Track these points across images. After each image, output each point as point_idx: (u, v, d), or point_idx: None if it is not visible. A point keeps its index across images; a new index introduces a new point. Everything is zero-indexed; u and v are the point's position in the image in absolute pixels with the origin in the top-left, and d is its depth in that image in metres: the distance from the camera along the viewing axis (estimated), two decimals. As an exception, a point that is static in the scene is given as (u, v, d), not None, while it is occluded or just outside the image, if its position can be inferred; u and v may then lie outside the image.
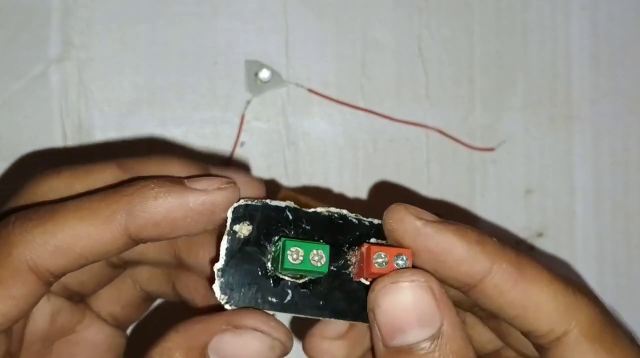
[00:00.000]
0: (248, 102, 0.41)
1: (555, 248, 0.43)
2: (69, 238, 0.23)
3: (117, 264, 0.28)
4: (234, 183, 0.24)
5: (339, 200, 0.42)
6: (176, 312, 0.33)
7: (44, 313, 0.27)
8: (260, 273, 0.24)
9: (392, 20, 0.42)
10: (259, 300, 0.24)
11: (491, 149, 0.42)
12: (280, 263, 0.23)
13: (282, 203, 0.24)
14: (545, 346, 0.24)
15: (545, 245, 0.43)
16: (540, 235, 0.43)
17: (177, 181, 0.24)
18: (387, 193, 0.42)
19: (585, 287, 0.24)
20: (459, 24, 0.43)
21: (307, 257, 0.23)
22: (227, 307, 0.23)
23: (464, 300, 0.26)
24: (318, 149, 0.42)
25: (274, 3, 0.42)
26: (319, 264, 0.23)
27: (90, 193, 0.24)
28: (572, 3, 0.43)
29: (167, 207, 0.23)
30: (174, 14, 0.41)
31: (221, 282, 0.23)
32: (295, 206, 0.25)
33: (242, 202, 0.24)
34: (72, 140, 0.41)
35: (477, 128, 0.42)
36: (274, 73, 0.41)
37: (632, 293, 0.43)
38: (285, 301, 0.24)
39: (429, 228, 0.23)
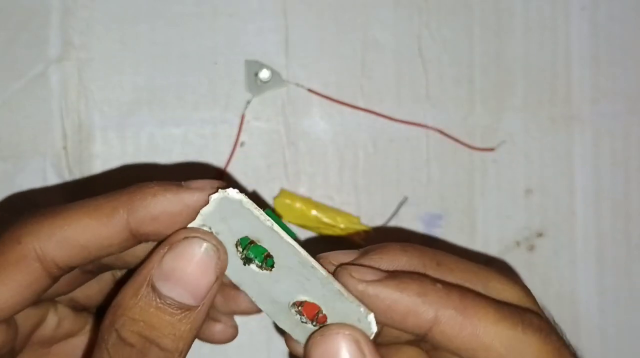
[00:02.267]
0: (248, 102, 0.41)
1: (555, 249, 0.43)
2: (74, 230, 0.24)
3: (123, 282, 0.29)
4: (222, 183, 0.25)
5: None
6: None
7: (50, 321, 0.28)
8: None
9: (392, 20, 0.42)
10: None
11: (491, 149, 0.42)
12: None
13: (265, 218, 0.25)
14: None
15: (545, 245, 0.43)
16: (540, 235, 0.43)
17: (175, 183, 0.25)
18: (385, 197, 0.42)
19: (537, 322, 0.25)
20: (459, 24, 0.43)
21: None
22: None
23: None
24: (318, 149, 0.42)
25: (274, 3, 0.42)
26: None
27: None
28: (572, 3, 0.43)
29: (164, 203, 0.25)
30: (174, 14, 0.41)
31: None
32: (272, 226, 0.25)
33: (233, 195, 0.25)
34: (72, 141, 0.41)
35: (477, 128, 0.42)
36: (274, 73, 0.41)
37: (632, 293, 0.43)
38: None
39: (371, 290, 0.25)
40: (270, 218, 0.24)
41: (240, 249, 0.25)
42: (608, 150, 0.43)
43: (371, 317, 0.25)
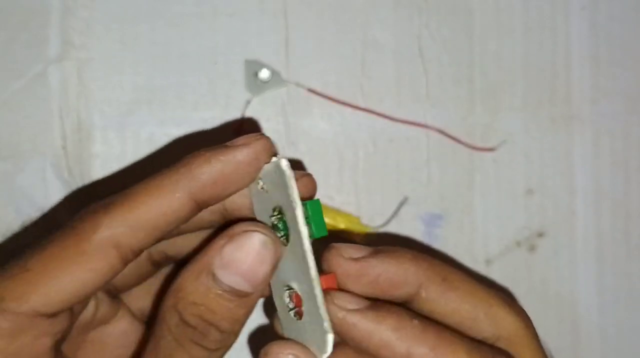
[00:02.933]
0: (248, 102, 0.41)
1: (555, 248, 0.43)
2: (144, 214, 0.25)
3: (159, 261, 0.30)
4: (263, 134, 0.27)
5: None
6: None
7: (90, 306, 0.29)
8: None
9: (392, 20, 0.42)
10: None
11: (491, 149, 0.43)
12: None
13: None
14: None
15: (545, 245, 0.43)
16: (540, 235, 0.43)
17: (221, 145, 0.27)
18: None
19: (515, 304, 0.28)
20: (458, 24, 0.43)
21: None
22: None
23: None
24: (318, 149, 0.42)
25: (274, 3, 0.42)
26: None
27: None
28: (572, 3, 0.43)
29: (220, 166, 0.26)
30: (174, 14, 0.41)
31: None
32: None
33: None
34: (72, 141, 0.41)
35: (477, 128, 0.43)
36: (273, 73, 0.41)
37: (632, 293, 0.43)
38: None
39: (349, 318, 0.26)
40: (297, 201, 0.25)
41: (276, 213, 0.26)
42: (608, 150, 0.43)
43: (329, 337, 0.25)
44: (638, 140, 0.43)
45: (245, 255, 0.25)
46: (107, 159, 0.41)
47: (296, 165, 0.41)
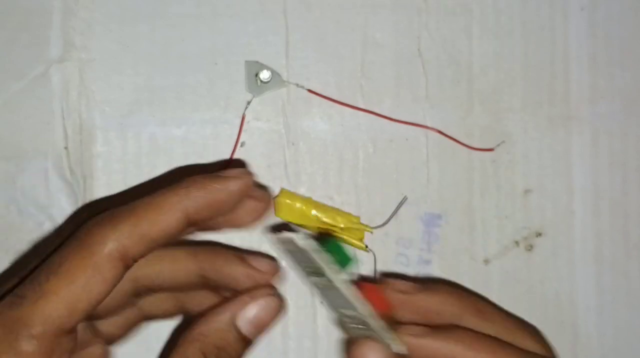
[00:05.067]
0: (248, 103, 0.42)
1: (553, 248, 0.43)
2: (147, 229, 0.29)
3: (139, 293, 0.33)
4: (250, 170, 0.33)
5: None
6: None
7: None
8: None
9: (392, 20, 0.42)
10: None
11: (490, 149, 0.43)
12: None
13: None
14: None
15: (543, 245, 0.43)
16: (539, 235, 0.43)
17: (214, 174, 0.31)
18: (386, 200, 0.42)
19: None
20: (458, 25, 0.43)
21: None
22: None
23: None
24: (318, 149, 0.42)
25: (274, 3, 0.42)
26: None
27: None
28: (570, 3, 0.43)
29: (214, 192, 0.31)
30: (174, 15, 0.42)
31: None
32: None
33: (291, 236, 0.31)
34: (73, 141, 0.41)
35: (476, 128, 0.43)
36: (274, 73, 0.41)
37: (631, 293, 0.43)
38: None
39: (421, 342, 0.31)
40: (328, 266, 0.30)
41: (309, 267, 0.32)
42: (606, 150, 0.43)
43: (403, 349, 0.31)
44: (636, 140, 0.43)
45: (267, 315, 0.31)
46: (108, 159, 0.41)
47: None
